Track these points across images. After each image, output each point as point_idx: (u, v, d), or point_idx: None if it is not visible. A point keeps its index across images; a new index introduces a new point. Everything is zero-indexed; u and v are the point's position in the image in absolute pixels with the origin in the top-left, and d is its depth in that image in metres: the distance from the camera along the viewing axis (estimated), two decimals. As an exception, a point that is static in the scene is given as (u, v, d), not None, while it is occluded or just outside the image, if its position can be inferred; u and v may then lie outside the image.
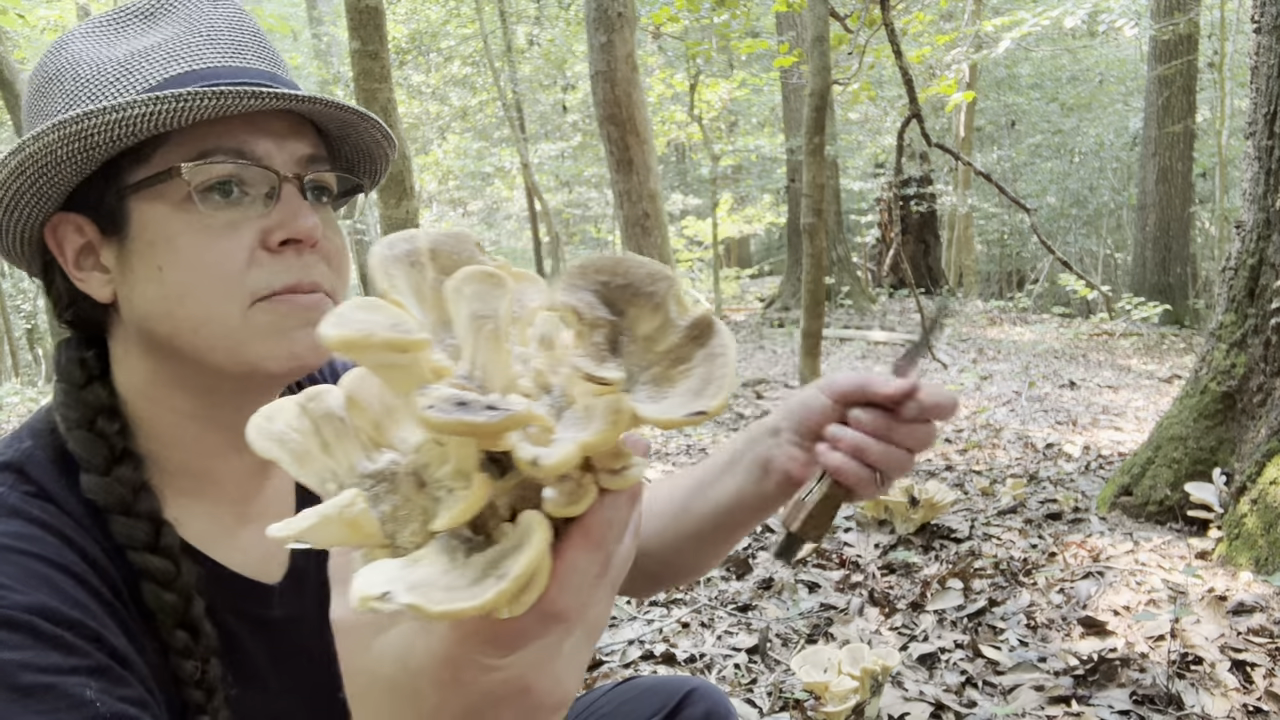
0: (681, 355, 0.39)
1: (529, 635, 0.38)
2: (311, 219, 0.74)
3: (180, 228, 0.72)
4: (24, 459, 0.73)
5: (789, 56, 5.94)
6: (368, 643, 0.41)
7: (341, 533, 0.36)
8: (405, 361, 0.35)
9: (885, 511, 3.18)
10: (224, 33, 0.77)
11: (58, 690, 0.59)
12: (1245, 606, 2.31)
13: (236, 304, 0.72)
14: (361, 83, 4.35)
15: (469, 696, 0.39)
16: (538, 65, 16.33)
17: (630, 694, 1.11)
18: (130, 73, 0.73)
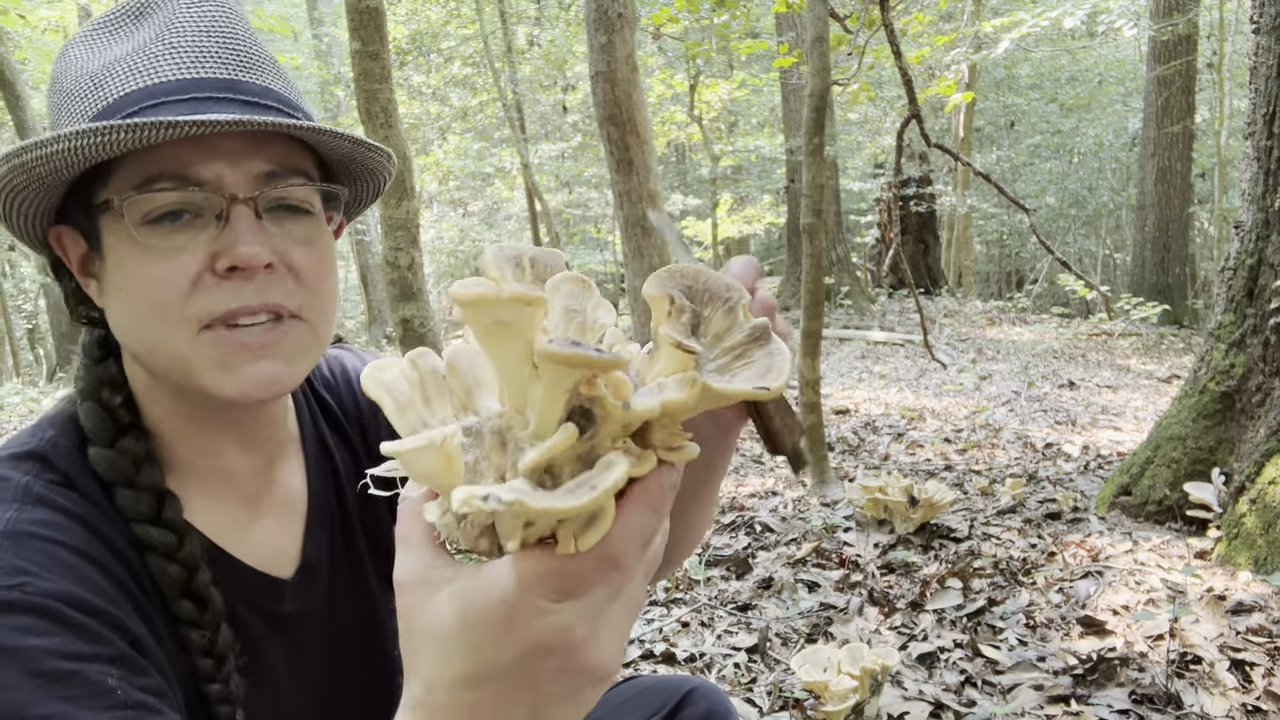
0: (744, 352, 0.45)
1: (586, 578, 0.41)
2: (253, 245, 0.71)
3: (132, 250, 0.71)
4: (48, 448, 0.74)
5: (789, 57, 5.94)
6: (429, 597, 0.43)
7: (435, 463, 0.40)
8: (523, 318, 0.40)
9: (885, 511, 3.19)
10: (190, 38, 0.74)
11: (80, 677, 0.60)
12: (1244, 606, 2.31)
13: (182, 330, 0.71)
14: (362, 83, 4.36)
15: (521, 644, 0.41)
16: (538, 66, 16.33)
17: (630, 693, 1.12)
18: (97, 88, 0.73)
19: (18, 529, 0.66)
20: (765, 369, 0.43)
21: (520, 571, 0.40)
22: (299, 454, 0.91)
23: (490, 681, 0.42)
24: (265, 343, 0.73)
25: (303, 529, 0.89)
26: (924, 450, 4.55)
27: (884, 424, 5.30)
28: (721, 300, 0.46)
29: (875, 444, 4.76)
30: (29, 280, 17.85)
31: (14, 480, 0.70)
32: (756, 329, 0.46)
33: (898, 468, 4.14)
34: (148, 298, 0.71)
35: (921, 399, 6.19)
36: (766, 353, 0.45)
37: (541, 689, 0.42)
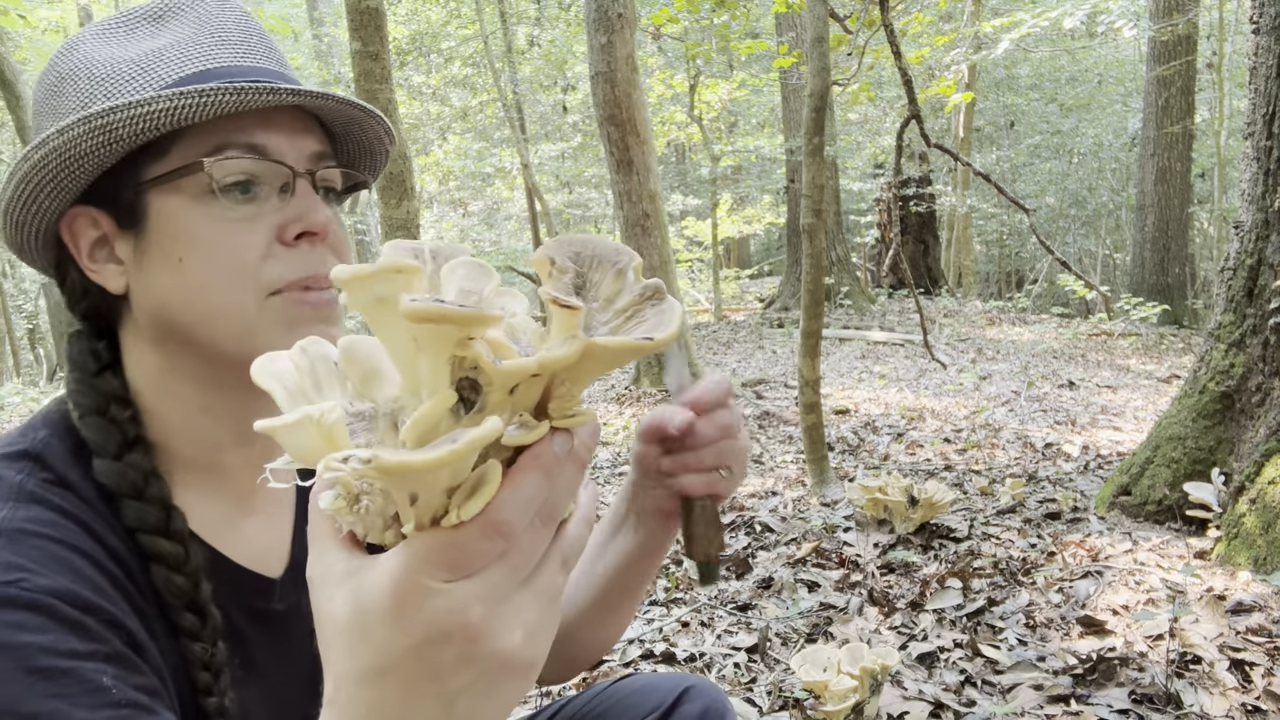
0: (635, 312, 0.44)
1: (471, 548, 0.39)
2: (326, 212, 0.77)
3: (200, 220, 0.74)
4: (41, 447, 0.74)
5: (788, 57, 5.94)
6: (333, 592, 0.42)
7: (316, 439, 0.39)
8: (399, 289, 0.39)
9: (884, 511, 3.19)
10: (234, 34, 0.79)
11: (75, 675, 0.60)
12: (1244, 606, 2.31)
13: (253, 296, 0.75)
14: (362, 84, 4.36)
15: (414, 630, 0.39)
16: (538, 66, 16.33)
17: (627, 691, 1.12)
18: (146, 71, 0.75)
19: (13, 526, 0.66)
20: (655, 325, 0.42)
21: (406, 551, 0.39)
22: None
23: (390, 673, 0.41)
24: (326, 303, 0.77)
25: (292, 527, 0.89)
26: (924, 450, 4.55)
27: (884, 424, 5.30)
28: (611, 264, 0.45)
29: (875, 444, 4.76)
30: (29, 280, 17.85)
31: (7, 479, 0.70)
32: (648, 288, 0.45)
33: (898, 468, 4.14)
34: (221, 264, 0.74)
35: (921, 399, 6.20)
36: (658, 310, 0.44)
37: (447, 682, 0.41)
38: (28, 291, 18.24)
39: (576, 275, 0.44)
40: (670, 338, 0.41)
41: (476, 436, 0.36)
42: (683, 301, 7.36)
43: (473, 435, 0.36)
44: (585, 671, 2.32)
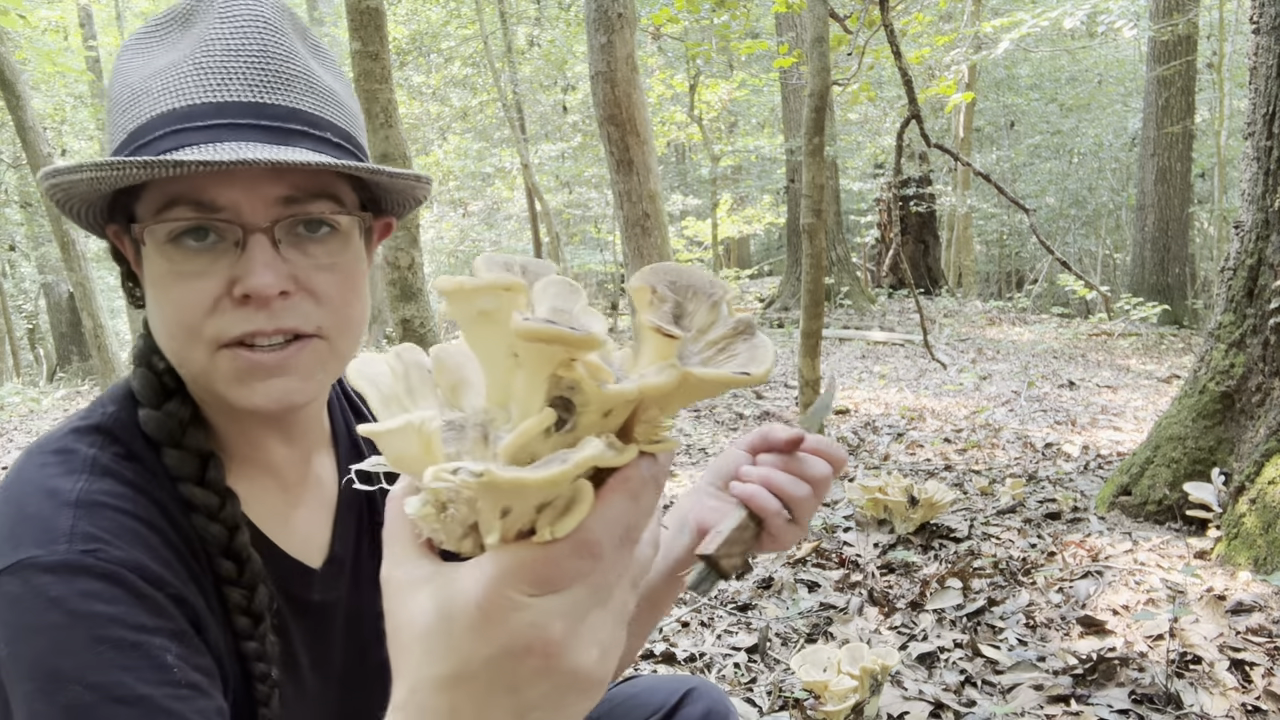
0: (727, 345, 0.45)
1: (562, 566, 0.40)
2: (264, 276, 0.72)
3: (162, 268, 0.74)
4: (110, 422, 0.76)
5: (788, 57, 5.94)
6: (411, 597, 0.43)
7: (414, 445, 0.40)
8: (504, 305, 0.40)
9: (885, 511, 3.19)
10: (219, 57, 0.74)
11: (143, 649, 0.62)
12: (1244, 606, 2.31)
13: (202, 348, 0.74)
14: (362, 84, 4.36)
15: (496, 641, 0.40)
16: (538, 66, 16.33)
17: (630, 692, 1.12)
18: (133, 104, 0.75)
19: (90, 498, 0.68)
20: (749, 359, 0.44)
21: (496, 563, 0.40)
22: (330, 450, 0.94)
23: (468, 682, 0.41)
24: (279, 361, 0.75)
25: (332, 522, 0.91)
26: (924, 450, 4.55)
27: (884, 424, 5.30)
28: (705, 295, 0.46)
29: (875, 444, 4.76)
30: (29, 280, 17.85)
31: (81, 452, 0.72)
32: (740, 323, 0.46)
33: (898, 468, 4.14)
34: (173, 315, 0.74)
35: (921, 399, 6.20)
36: (750, 345, 0.45)
37: (523, 694, 0.41)
38: (28, 291, 18.24)
39: (676, 305, 0.45)
40: (765, 374, 0.42)
41: (586, 458, 0.37)
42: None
43: (582, 456, 0.37)
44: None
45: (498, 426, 0.42)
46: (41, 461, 0.72)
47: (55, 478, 0.70)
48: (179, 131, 0.72)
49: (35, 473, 0.71)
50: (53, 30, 13.45)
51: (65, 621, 0.61)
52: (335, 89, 0.79)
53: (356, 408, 0.99)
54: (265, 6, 0.77)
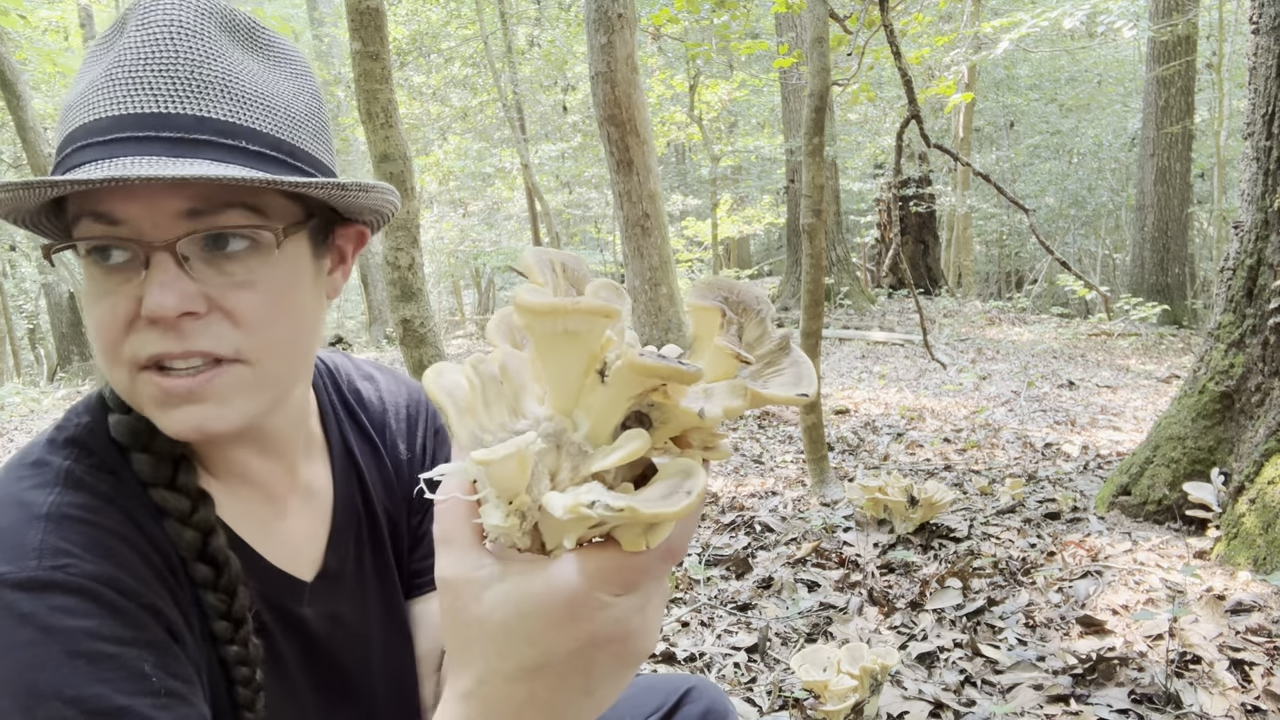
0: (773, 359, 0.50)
1: (650, 571, 0.43)
2: (163, 297, 0.67)
3: (86, 285, 0.72)
4: (84, 433, 0.75)
5: (788, 58, 5.94)
6: (479, 594, 0.44)
7: (514, 469, 0.43)
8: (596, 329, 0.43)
9: (885, 511, 3.19)
10: (130, 68, 0.70)
11: (119, 660, 0.62)
12: (1243, 606, 2.31)
13: (122, 369, 0.71)
14: (362, 84, 4.36)
15: (579, 636, 0.43)
16: (538, 66, 16.32)
17: (629, 691, 1.12)
18: (63, 120, 0.73)
19: (60, 512, 0.68)
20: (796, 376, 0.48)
21: (586, 568, 0.42)
22: (325, 458, 0.92)
23: (547, 671, 0.44)
24: (191, 388, 0.70)
25: (327, 534, 0.89)
26: (924, 450, 4.55)
27: (884, 424, 5.30)
28: (754, 312, 0.50)
29: (875, 444, 4.76)
30: (29, 280, 17.85)
31: (54, 464, 0.72)
32: (783, 339, 0.50)
33: (897, 468, 4.14)
34: (95, 334, 0.72)
35: (921, 399, 6.20)
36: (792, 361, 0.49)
37: (594, 674, 0.45)
38: (28, 291, 18.24)
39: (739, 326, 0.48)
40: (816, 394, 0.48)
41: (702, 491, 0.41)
42: (682, 301, 7.35)
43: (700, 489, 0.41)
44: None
45: (569, 435, 0.45)
46: (18, 475, 0.71)
47: (28, 491, 0.69)
48: (84, 147, 0.69)
49: (11, 486, 0.70)
50: (53, 30, 13.44)
51: (38, 638, 0.60)
52: (267, 92, 0.73)
53: (354, 414, 0.97)
54: (185, 10, 0.72)
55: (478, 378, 0.48)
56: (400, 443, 0.99)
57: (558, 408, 0.46)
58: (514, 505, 0.44)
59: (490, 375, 0.49)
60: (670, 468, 0.44)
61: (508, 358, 0.49)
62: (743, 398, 0.44)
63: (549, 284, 0.47)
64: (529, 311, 0.42)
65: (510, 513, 0.44)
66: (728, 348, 0.45)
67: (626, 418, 0.45)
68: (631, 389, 0.43)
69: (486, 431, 0.46)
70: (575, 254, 0.51)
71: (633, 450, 0.42)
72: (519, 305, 0.42)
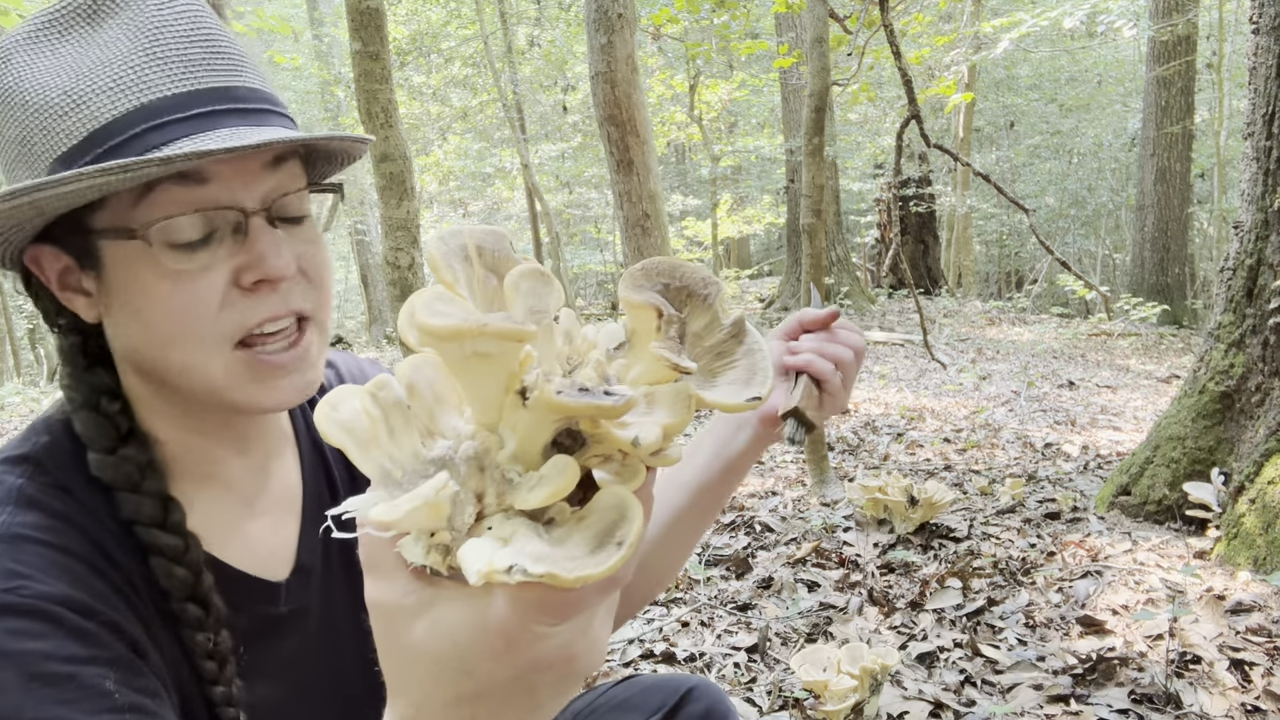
0: (724, 350, 0.44)
1: (584, 602, 0.40)
2: (283, 256, 0.71)
3: (152, 273, 0.70)
4: (41, 452, 0.74)
5: (788, 58, 5.94)
6: (409, 623, 0.42)
7: (427, 514, 0.39)
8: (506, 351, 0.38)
9: (885, 511, 3.19)
10: (174, 46, 0.70)
11: (78, 680, 0.61)
12: (1243, 606, 2.31)
13: (216, 350, 0.71)
14: (362, 84, 4.36)
15: (518, 665, 0.41)
16: (538, 66, 16.33)
17: (630, 692, 1.12)
18: (79, 105, 0.68)
19: (12, 532, 0.66)
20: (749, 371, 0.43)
21: (515, 604, 0.39)
22: (294, 453, 0.92)
23: (486, 697, 0.42)
24: (290, 360, 0.74)
25: (298, 529, 0.89)
26: (924, 450, 4.55)
27: (884, 424, 5.30)
28: (700, 297, 0.45)
29: (875, 444, 4.76)
30: (29, 280, 17.80)
31: (7, 483, 0.70)
32: (736, 325, 0.45)
33: (897, 468, 4.14)
34: (177, 321, 0.70)
35: (921, 399, 6.20)
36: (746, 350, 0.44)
37: (538, 695, 0.43)
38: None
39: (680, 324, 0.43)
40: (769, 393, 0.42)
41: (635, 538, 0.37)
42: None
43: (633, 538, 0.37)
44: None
45: (493, 455, 0.41)
46: None
47: None
48: (160, 126, 0.68)
49: None
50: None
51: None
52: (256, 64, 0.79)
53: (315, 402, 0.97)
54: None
55: (377, 407, 0.43)
56: None
57: (480, 422, 0.42)
58: (434, 539, 0.40)
59: (393, 402, 0.43)
60: (604, 502, 0.39)
61: (416, 373, 0.44)
62: (686, 409, 0.39)
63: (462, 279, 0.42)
64: (427, 334, 0.37)
65: (430, 547, 0.40)
66: (665, 358, 0.40)
67: (558, 434, 0.40)
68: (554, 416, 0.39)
69: (396, 464, 0.42)
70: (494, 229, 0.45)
71: (557, 489, 0.38)
72: (416, 325, 0.37)
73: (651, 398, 0.41)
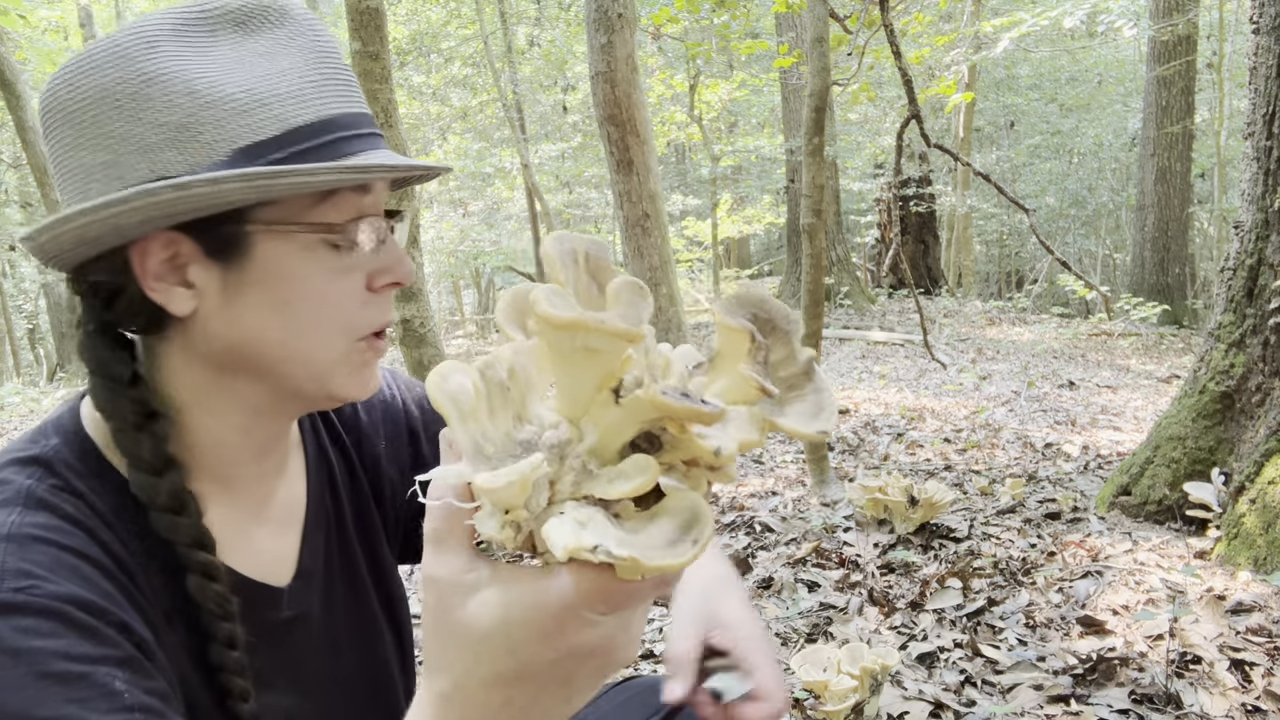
0: (795, 384, 0.48)
1: (641, 596, 0.43)
2: (407, 264, 0.80)
3: (311, 268, 0.74)
4: (52, 455, 0.74)
5: (789, 57, 5.94)
6: (464, 599, 0.44)
7: (517, 491, 0.42)
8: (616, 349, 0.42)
9: (885, 511, 3.19)
10: (336, 69, 0.76)
11: (89, 680, 0.61)
12: (1244, 606, 2.31)
13: (346, 341, 0.77)
14: (363, 83, 4.36)
15: (561, 649, 0.43)
16: (538, 66, 16.33)
17: (630, 693, 1.12)
18: (265, 105, 0.70)
19: (23, 532, 0.67)
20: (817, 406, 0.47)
21: (578, 587, 0.42)
22: (300, 458, 0.93)
23: (525, 679, 0.44)
24: (379, 357, 0.82)
25: (300, 535, 0.89)
26: (924, 450, 4.55)
27: (884, 424, 5.30)
28: (783, 332, 0.49)
29: (875, 444, 4.76)
30: (29, 280, 17.85)
31: (17, 484, 0.71)
32: (808, 363, 0.49)
33: (898, 468, 4.14)
34: (326, 311, 0.75)
35: (921, 399, 6.20)
36: (815, 388, 0.48)
37: (574, 683, 0.45)
38: (28, 291, 18.24)
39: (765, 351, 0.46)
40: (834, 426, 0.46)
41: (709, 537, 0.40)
42: (682, 301, 7.36)
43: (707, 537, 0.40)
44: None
45: (574, 445, 0.44)
46: None
47: None
48: (347, 139, 0.74)
49: None
50: (53, 30, 13.45)
51: (6, 661, 0.60)
52: None
53: (326, 414, 0.97)
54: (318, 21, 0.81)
55: (484, 384, 0.46)
56: (375, 437, 0.99)
57: (565, 414, 0.45)
58: (510, 516, 0.43)
59: (497, 382, 0.47)
60: (678, 503, 0.42)
61: (517, 358, 0.47)
62: (761, 430, 0.43)
63: (570, 280, 0.45)
64: (548, 323, 0.40)
65: (505, 523, 0.43)
66: (754, 379, 0.43)
67: (638, 436, 0.43)
68: (646, 416, 0.42)
69: (489, 440, 0.45)
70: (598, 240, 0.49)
71: (639, 485, 0.41)
72: (538, 314, 0.40)
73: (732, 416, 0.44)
